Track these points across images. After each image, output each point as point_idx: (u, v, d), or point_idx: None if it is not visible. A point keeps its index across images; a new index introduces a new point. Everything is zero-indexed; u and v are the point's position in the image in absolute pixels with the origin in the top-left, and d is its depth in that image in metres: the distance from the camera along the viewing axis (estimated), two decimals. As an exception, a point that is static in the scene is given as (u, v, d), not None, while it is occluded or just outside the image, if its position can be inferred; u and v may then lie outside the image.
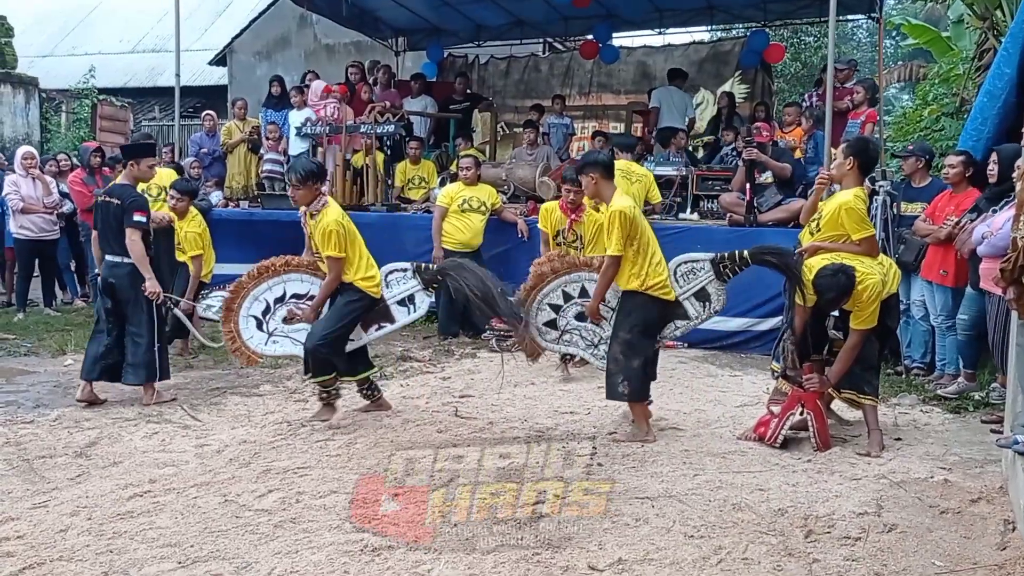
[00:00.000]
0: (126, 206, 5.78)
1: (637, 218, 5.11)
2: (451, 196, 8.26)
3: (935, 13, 18.66)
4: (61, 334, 7.90)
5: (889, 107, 20.39)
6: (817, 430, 5.08)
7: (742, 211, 8.10)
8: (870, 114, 9.04)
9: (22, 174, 9.09)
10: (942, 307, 6.66)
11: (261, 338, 5.65)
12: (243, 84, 17.68)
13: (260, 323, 5.65)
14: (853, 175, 5.23)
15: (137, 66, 22.09)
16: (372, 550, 3.62)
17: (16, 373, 6.82)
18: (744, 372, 7.13)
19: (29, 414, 5.64)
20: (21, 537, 3.73)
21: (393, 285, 5.58)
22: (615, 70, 13.36)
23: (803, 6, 12.05)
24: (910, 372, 7.01)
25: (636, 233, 5.06)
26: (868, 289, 4.92)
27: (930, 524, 4.03)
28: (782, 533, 3.89)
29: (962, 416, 5.96)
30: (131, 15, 23.70)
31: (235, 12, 22.13)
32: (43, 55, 22.57)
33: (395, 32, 14.02)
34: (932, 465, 4.85)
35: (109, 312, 5.92)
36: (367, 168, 9.92)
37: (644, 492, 4.34)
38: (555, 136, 11.28)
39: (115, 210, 5.82)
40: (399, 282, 5.59)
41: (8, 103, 16.15)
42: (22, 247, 9.27)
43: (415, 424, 5.51)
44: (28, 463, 4.69)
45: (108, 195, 5.97)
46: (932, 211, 6.77)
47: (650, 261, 5.11)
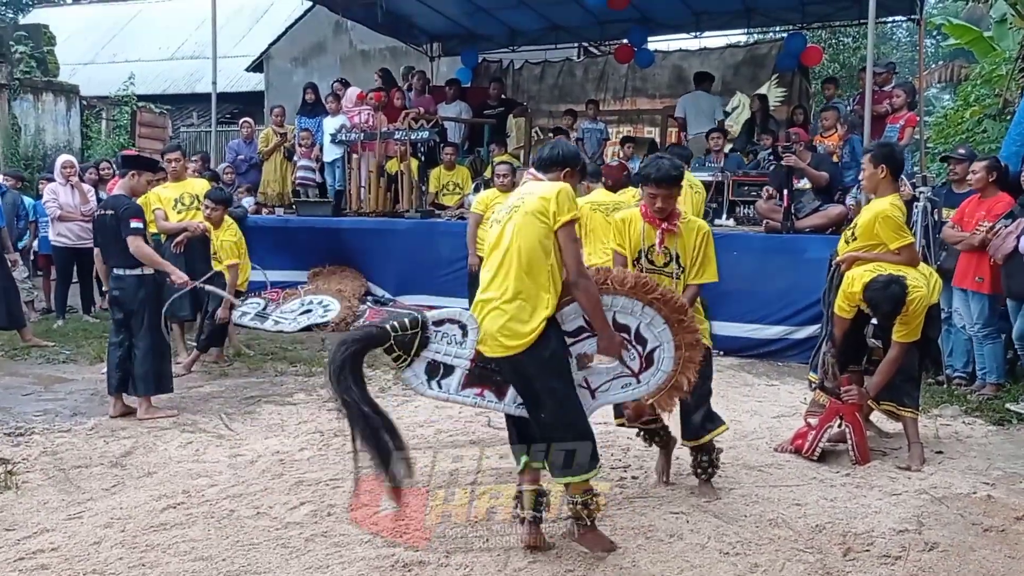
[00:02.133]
0: (120, 215, 5.77)
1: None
2: (486, 203, 8.22)
3: (977, 12, 18.31)
4: (99, 341, 7.98)
5: (930, 108, 20.09)
6: (856, 443, 4.99)
7: (779, 217, 7.99)
8: (909, 118, 8.88)
9: (61, 182, 9.22)
10: (979, 315, 6.53)
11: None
12: (280, 90, 17.84)
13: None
14: (887, 183, 5.11)
15: (176, 73, 22.40)
16: (403, 565, 3.60)
17: (54, 381, 6.90)
18: (781, 381, 7.02)
19: (66, 423, 5.70)
20: (56, 549, 3.76)
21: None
22: (650, 74, 13.28)
23: (842, 8, 11.88)
24: (952, 382, 6.86)
25: None
26: (915, 301, 4.81)
27: (973, 543, 3.93)
28: (820, 551, 3.82)
29: (1005, 428, 5.83)
30: (170, 23, 24.04)
31: (272, 19, 22.36)
32: (84, 63, 22.96)
33: (430, 38, 14.08)
34: (975, 480, 4.74)
35: (119, 324, 5.95)
36: (401, 174, 9.94)
37: (678, 507, 4.28)
38: (589, 141, 11.23)
39: (111, 221, 5.83)
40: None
41: (50, 111, 16.40)
42: (60, 255, 9.41)
43: (448, 435, 5.48)
44: (64, 473, 4.72)
45: (104, 209, 6.01)
46: (960, 217, 6.64)
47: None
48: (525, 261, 3.51)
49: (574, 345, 3.71)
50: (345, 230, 9.93)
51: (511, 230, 3.58)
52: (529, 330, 3.49)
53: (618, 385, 3.82)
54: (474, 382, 3.65)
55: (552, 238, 3.51)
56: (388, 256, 9.69)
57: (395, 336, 3.50)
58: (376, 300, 9.68)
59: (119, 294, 5.88)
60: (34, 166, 15.04)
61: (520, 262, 3.51)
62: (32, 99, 16.02)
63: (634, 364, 3.78)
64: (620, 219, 4.44)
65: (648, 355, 3.78)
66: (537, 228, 3.51)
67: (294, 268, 10.05)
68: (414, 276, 9.54)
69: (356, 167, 10.20)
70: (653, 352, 3.78)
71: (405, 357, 3.56)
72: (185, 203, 7.52)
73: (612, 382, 3.81)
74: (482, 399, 3.68)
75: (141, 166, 6.16)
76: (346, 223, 10.00)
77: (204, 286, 6.29)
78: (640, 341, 3.77)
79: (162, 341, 6.02)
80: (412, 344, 3.56)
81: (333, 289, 9.66)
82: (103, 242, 6.02)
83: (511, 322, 3.50)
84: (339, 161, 10.60)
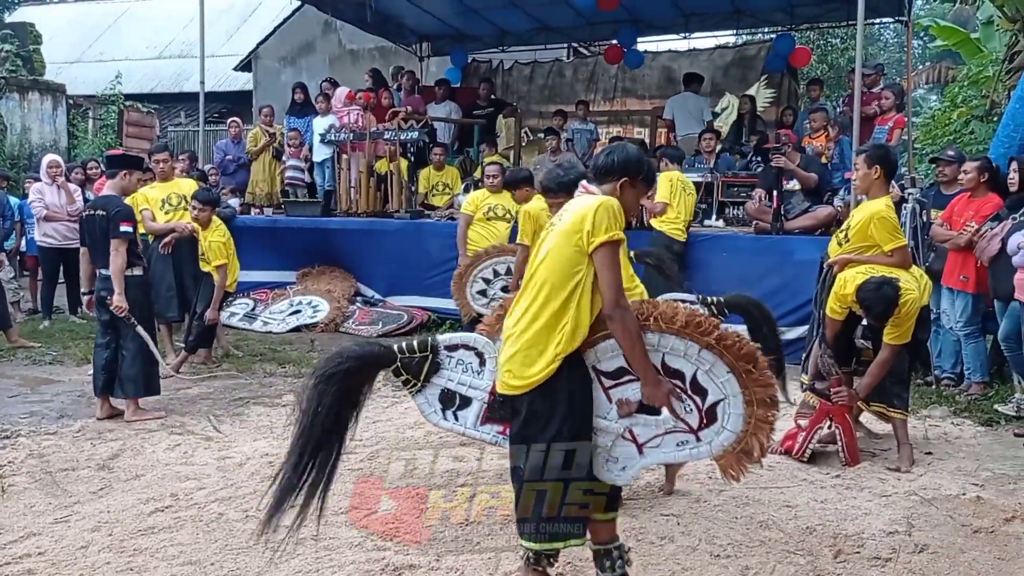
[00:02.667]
0: (111, 216, 5.73)
1: None
2: (476, 204, 8.22)
3: (964, 14, 18.42)
4: (86, 342, 7.92)
5: (917, 109, 20.19)
6: (845, 444, 5.01)
7: (768, 218, 8.00)
8: (898, 120, 8.92)
9: (47, 182, 9.16)
10: (962, 313, 6.57)
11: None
12: (268, 89, 17.79)
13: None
14: (880, 184, 5.13)
15: (163, 72, 22.29)
16: (393, 569, 3.58)
17: (41, 382, 6.85)
18: (771, 382, 7.02)
19: (52, 425, 5.66)
20: (42, 553, 3.72)
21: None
22: (640, 75, 13.30)
23: (830, 9, 11.90)
24: (940, 383, 6.88)
25: None
26: (908, 304, 4.82)
27: (962, 544, 3.94)
28: (811, 553, 3.82)
29: (994, 429, 5.85)
30: (157, 21, 23.93)
31: (260, 18, 22.30)
32: (70, 61, 22.83)
33: (419, 37, 14.05)
34: (964, 481, 4.76)
35: (106, 325, 5.90)
36: (391, 175, 9.92)
37: (669, 509, 4.28)
38: (579, 142, 11.22)
39: (101, 222, 5.79)
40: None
41: (36, 110, 16.31)
42: (46, 255, 9.36)
43: (439, 436, 5.45)
44: (51, 476, 4.69)
45: (94, 208, 5.96)
46: (949, 215, 6.67)
47: None
48: (548, 288, 3.02)
49: (614, 389, 3.15)
50: (334, 230, 9.89)
51: (543, 252, 3.09)
52: (536, 371, 3.00)
53: (672, 442, 3.20)
54: (495, 418, 3.28)
55: (585, 262, 2.98)
56: (378, 256, 9.65)
57: (402, 358, 3.25)
58: (366, 300, 9.65)
59: (105, 295, 5.82)
60: (20, 165, 14.94)
61: (543, 289, 3.02)
62: (18, 98, 15.94)
63: (691, 418, 3.16)
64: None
65: (709, 409, 3.16)
66: (569, 250, 2.99)
67: (283, 268, 10.00)
68: (404, 276, 9.52)
69: (346, 167, 10.17)
70: (716, 407, 3.15)
71: (415, 382, 3.29)
72: (173, 203, 7.50)
73: (664, 437, 3.19)
74: (505, 439, 3.23)
75: (130, 165, 6.12)
76: (335, 223, 9.96)
77: (134, 322, 6.00)
78: (698, 392, 3.14)
79: (150, 343, 5.97)
80: (421, 369, 3.27)
81: (322, 290, 9.63)
82: (91, 242, 5.96)
83: (520, 357, 3.03)
84: (328, 161, 10.56)
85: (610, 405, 3.14)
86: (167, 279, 7.40)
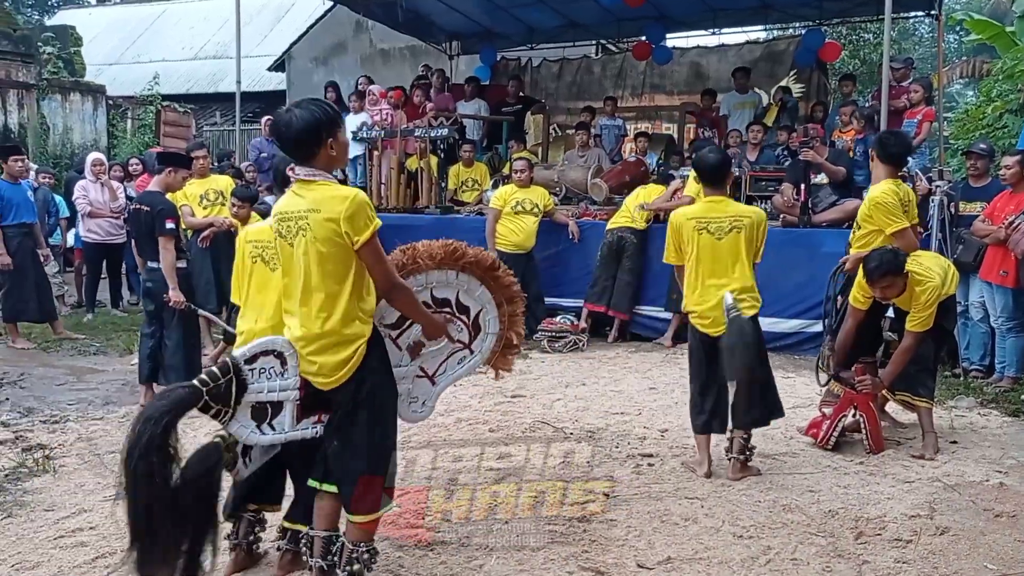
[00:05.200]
0: (155, 213, 5.90)
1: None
2: (504, 198, 8.36)
3: (999, 8, 18.27)
4: (128, 334, 8.16)
5: (952, 104, 20.02)
6: (870, 432, 5.06)
7: (796, 212, 8.05)
8: (927, 113, 8.92)
9: (91, 179, 9.42)
10: (1003, 308, 6.57)
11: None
12: (301, 89, 18.02)
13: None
14: (879, 169, 5.24)
15: (199, 72, 22.67)
16: (426, 545, 3.72)
17: (86, 372, 7.09)
18: (797, 374, 7.08)
19: (99, 411, 5.88)
20: (93, 528, 3.92)
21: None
22: (668, 71, 13.32)
23: (860, 3, 11.85)
24: (968, 374, 6.90)
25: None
26: (927, 291, 4.87)
27: (983, 527, 4.00)
28: (832, 535, 3.90)
29: (1021, 419, 5.87)
30: (194, 23, 24.33)
31: (293, 18, 22.57)
32: (110, 63, 23.28)
33: (449, 36, 14.18)
34: (988, 468, 4.80)
35: (151, 315, 6.11)
36: (421, 171, 10.06)
37: (694, 492, 4.38)
38: (607, 138, 11.31)
39: (145, 217, 5.97)
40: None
41: (77, 110, 16.68)
42: (90, 250, 9.64)
43: (467, 424, 5.59)
44: (99, 458, 4.89)
45: (140, 203, 6.15)
46: (991, 211, 6.67)
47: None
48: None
49: (400, 337, 3.38)
50: (366, 226, 10.01)
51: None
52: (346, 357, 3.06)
53: (454, 362, 3.55)
54: (308, 411, 3.19)
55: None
56: (409, 251, 9.77)
57: (208, 390, 2.96)
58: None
59: (152, 286, 6.03)
60: (62, 164, 15.30)
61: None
62: (60, 99, 16.30)
63: (463, 336, 3.55)
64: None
65: (474, 322, 3.57)
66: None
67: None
68: (435, 271, 9.63)
69: (377, 164, 10.33)
70: (478, 317, 3.57)
71: (226, 410, 3.02)
72: (210, 199, 7.70)
73: (447, 361, 3.54)
74: (323, 425, 3.19)
75: (179, 163, 6.33)
76: (367, 219, 10.08)
77: (196, 309, 6.15)
78: (463, 310, 3.54)
79: (194, 333, 6.17)
80: (229, 393, 3.01)
81: (355, 284, 9.77)
82: (138, 236, 6.19)
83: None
84: (360, 158, 10.73)
85: (401, 352, 3.39)
86: (206, 272, 7.58)
